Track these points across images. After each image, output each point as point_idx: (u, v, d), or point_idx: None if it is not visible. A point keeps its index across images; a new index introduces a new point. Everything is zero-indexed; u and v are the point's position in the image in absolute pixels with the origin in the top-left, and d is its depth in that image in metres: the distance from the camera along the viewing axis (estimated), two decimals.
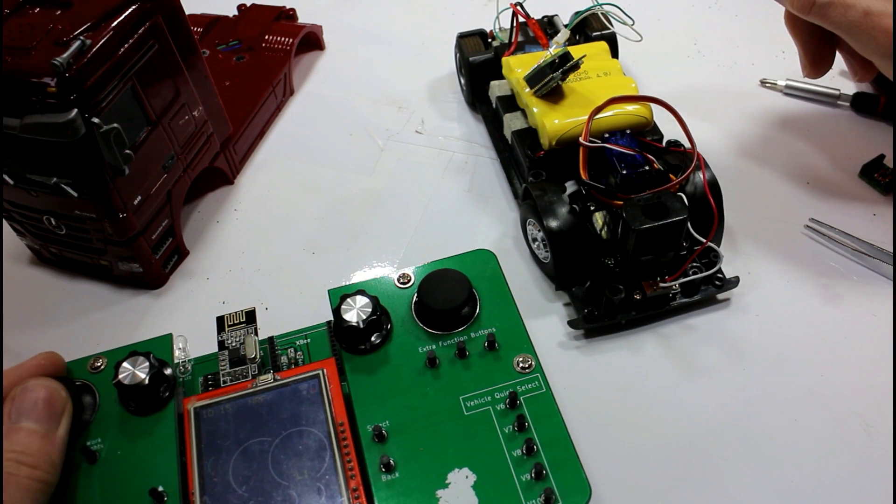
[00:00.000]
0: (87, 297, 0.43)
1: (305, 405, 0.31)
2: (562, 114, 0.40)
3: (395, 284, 0.36)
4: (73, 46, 0.33)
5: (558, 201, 0.38)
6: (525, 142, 0.43)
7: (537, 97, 0.41)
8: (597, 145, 0.38)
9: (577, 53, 0.41)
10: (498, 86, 0.47)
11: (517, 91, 0.43)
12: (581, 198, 0.38)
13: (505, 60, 0.45)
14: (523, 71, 0.43)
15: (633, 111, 0.40)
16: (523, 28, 0.48)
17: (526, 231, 0.42)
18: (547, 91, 0.41)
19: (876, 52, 0.37)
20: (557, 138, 0.40)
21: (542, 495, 0.28)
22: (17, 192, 0.38)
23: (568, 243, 0.38)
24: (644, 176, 0.37)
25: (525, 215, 0.41)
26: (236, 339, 0.34)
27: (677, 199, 0.36)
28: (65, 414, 0.30)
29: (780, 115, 0.50)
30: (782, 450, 0.34)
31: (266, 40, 0.54)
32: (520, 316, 0.34)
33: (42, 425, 0.29)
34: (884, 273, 0.40)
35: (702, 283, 0.39)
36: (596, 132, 0.39)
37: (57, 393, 0.30)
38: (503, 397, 0.31)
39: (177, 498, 0.29)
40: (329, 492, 0.29)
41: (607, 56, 0.45)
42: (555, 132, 0.40)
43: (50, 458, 0.28)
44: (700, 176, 0.38)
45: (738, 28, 0.57)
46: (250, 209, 0.47)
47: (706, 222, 0.37)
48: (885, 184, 0.44)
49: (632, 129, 0.40)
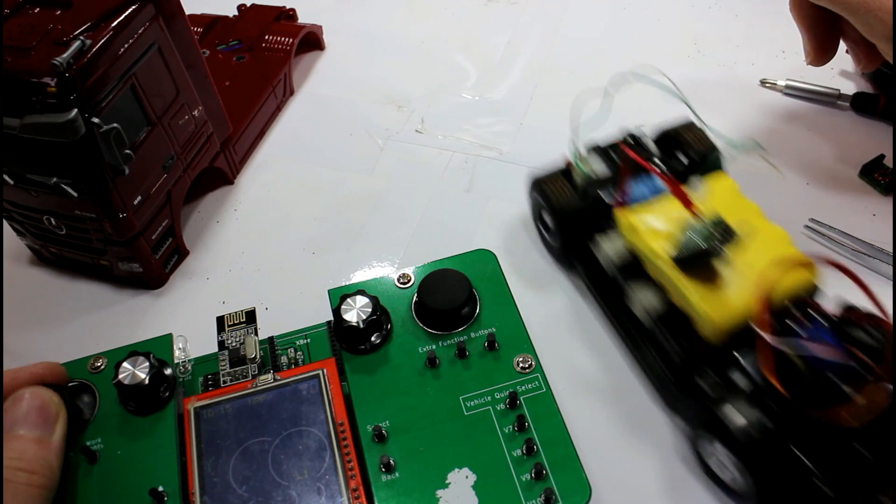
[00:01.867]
0: (87, 297, 0.43)
1: (305, 405, 0.31)
2: (723, 298, 0.31)
3: (395, 284, 0.36)
4: (73, 46, 0.33)
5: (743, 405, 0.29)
6: (671, 326, 0.33)
7: (688, 277, 0.32)
8: (792, 350, 0.28)
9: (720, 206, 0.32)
10: (608, 244, 0.36)
11: (649, 261, 0.34)
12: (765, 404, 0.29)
13: (622, 218, 0.35)
14: (650, 233, 0.34)
15: (800, 278, 0.32)
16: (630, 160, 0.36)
17: (699, 450, 0.32)
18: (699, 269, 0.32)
19: (882, 34, 0.36)
20: (729, 331, 0.31)
21: (542, 495, 0.28)
22: (17, 192, 0.38)
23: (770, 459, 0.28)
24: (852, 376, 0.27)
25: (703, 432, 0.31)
26: (236, 339, 0.34)
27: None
28: (59, 419, 0.30)
29: (779, 115, 0.50)
30: None
31: (266, 40, 0.54)
32: (520, 316, 0.34)
33: (36, 431, 0.28)
34: (884, 273, 0.40)
35: None
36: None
37: (49, 399, 0.30)
38: (503, 397, 0.31)
39: (177, 498, 0.29)
40: (329, 492, 0.29)
41: (737, 194, 0.36)
42: (724, 324, 0.31)
43: (47, 462, 0.28)
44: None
45: (738, 28, 0.57)
46: (250, 209, 0.47)
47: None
48: (885, 184, 0.44)
49: (793, 297, 0.31)
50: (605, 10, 0.59)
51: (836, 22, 0.40)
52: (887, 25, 0.36)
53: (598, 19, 0.58)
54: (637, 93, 0.37)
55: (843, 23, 0.39)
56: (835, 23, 0.40)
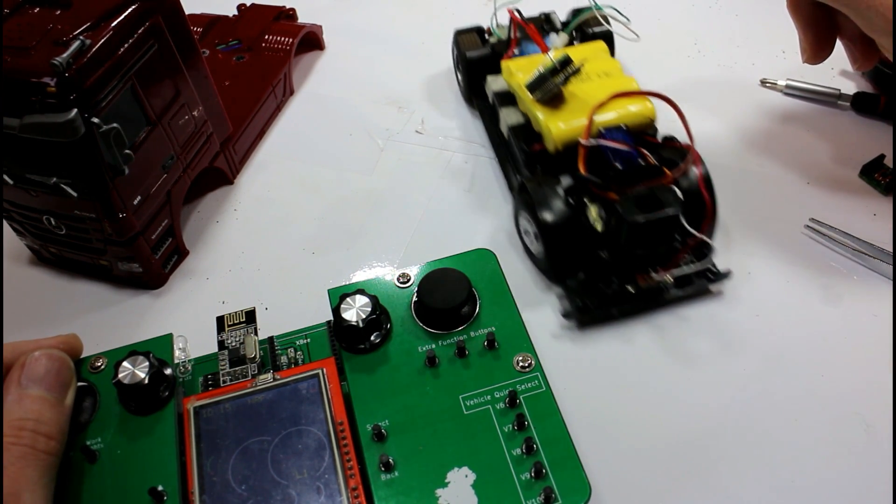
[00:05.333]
0: (87, 297, 0.43)
1: (305, 404, 0.31)
2: (565, 117, 0.40)
3: (395, 284, 0.36)
4: (72, 46, 0.33)
5: (553, 194, 0.38)
6: (521, 136, 0.43)
7: (540, 103, 0.41)
8: (593, 144, 0.39)
9: (576, 56, 0.41)
10: (494, 80, 0.47)
11: (519, 96, 0.44)
12: (576, 191, 0.39)
13: (504, 65, 0.45)
14: (524, 75, 0.43)
15: (636, 111, 0.40)
16: (521, 26, 0.48)
17: (519, 224, 0.42)
18: (549, 96, 0.41)
19: (883, 29, 0.36)
20: (563, 142, 0.40)
21: (542, 494, 0.28)
22: (17, 192, 0.38)
23: (561, 235, 0.38)
24: (638, 170, 0.38)
25: (518, 208, 0.42)
26: (236, 339, 0.34)
27: (671, 192, 0.37)
28: (71, 386, 0.30)
29: (780, 115, 0.50)
30: (782, 450, 0.34)
31: (266, 40, 0.55)
32: (519, 315, 0.34)
33: (53, 393, 0.28)
34: (884, 273, 0.40)
35: (694, 275, 0.39)
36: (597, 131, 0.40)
37: (66, 363, 0.30)
38: (503, 396, 0.31)
39: (176, 497, 0.29)
40: (328, 491, 0.29)
41: (607, 56, 0.45)
42: (560, 137, 0.40)
43: (61, 427, 0.28)
44: (695, 171, 0.38)
45: (738, 28, 0.57)
46: (250, 209, 0.47)
47: (700, 216, 0.38)
48: (885, 184, 0.44)
49: (634, 128, 0.40)
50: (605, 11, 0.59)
51: (833, 18, 0.40)
52: (888, 20, 0.35)
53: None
54: None
55: (840, 19, 0.39)
56: (832, 19, 0.40)
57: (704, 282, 0.39)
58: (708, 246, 0.39)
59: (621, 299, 0.38)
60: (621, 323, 0.39)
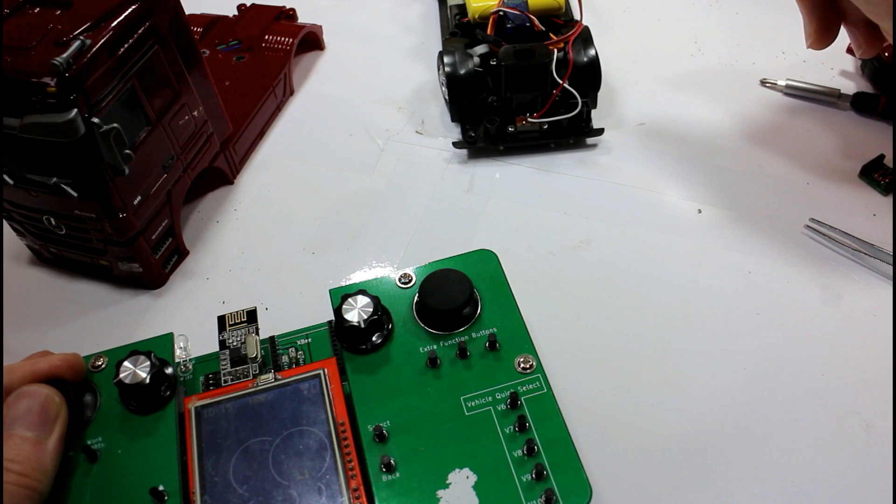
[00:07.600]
0: (87, 297, 0.43)
1: (306, 405, 0.31)
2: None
3: (397, 284, 0.36)
4: (72, 46, 0.33)
5: (456, 51, 0.48)
6: (454, 12, 0.54)
7: None
8: (498, 12, 0.49)
9: None
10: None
11: None
12: (489, 56, 0.48)
13: None
14: None
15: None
16: None
17: (438, 73, 0.52)
18: None
19: (887, 13, 0.36)
20: (479, 13, 0.51)
21: (543, 496, 0.28)
22: (17, 192, 0.38)
23: (459, 82, 0.48)
24: (527, 32, 0.49)
25: (439, 60, 0.50)
26: (237, 339, 0.34)
27: (545, 49, 0.46)
28: (58, 421, 0.29)
29: (780, 115, 0.50)
30: (782, 450, 0.34)
31: (266, 40, 0.54)
32: (521, 316, 0.34)
33: (34, 432, 0.28)
34: (884, 273, 0.40)
35: (569, 125, 0.48)
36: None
37: (51, 399, 0.29)
38: (504, 397, 0.31)
39: (177, 497, 0.29)
40: (329, 491, 0.29)
41: None
42: (478, 8, 0.51)
43: (41, 465, 0.28)
44: (593, 50, 0.47)
45: (738, 27, 0.57)
46: (250, 209, 0.47)
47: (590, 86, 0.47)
48: (885, 184, 0.44)
49: (542, 9, 0.50)
50: (605, 11, 0.59)
51: (837, 3, 0.40)
52: (891, 4, 0.35)
53: (598, 19, 0.58)
54: None
55: (844, 4, 0.39)
56: (836, 4, 0.40)
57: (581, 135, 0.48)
58: (576, 100, 0.46)
59: (503, 137, 0.48)
60: (506, 158, 0.48)
